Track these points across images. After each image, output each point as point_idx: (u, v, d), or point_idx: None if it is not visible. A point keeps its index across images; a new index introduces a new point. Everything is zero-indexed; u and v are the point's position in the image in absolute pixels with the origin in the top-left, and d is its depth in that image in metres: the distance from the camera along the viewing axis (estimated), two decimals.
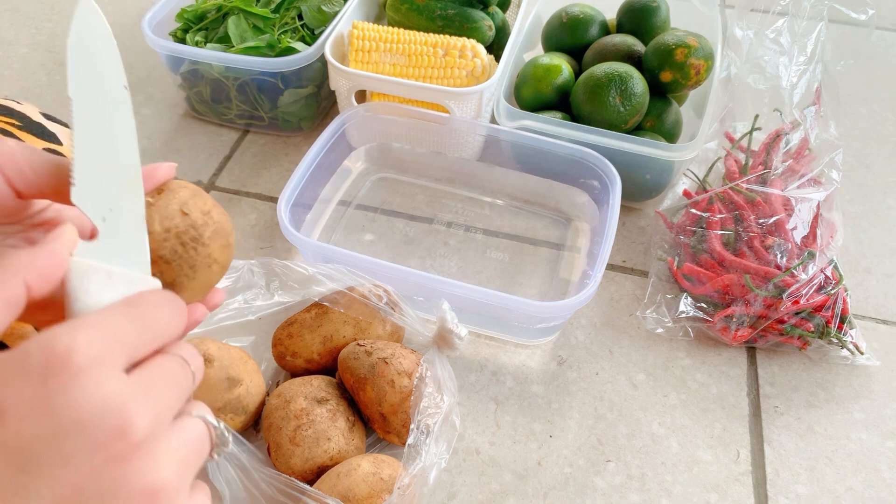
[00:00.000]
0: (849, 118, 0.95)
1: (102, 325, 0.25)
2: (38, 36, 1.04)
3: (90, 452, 0.22)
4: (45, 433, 0.22)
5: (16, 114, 0.56)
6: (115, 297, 0.28)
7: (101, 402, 0.22)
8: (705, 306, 0.68)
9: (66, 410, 0.22)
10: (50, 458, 0.22)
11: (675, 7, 0.87)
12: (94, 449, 0.22)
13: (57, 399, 0.22)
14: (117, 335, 0.25)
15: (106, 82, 0.31)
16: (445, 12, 0.81)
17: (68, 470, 0.22)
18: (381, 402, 0.54)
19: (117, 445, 0.23)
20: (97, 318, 0.25)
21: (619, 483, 0.58)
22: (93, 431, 0.22)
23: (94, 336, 0.24)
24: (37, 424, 0.22)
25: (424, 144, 0.80)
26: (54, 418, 0.22)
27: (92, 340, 0.23)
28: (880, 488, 0.58)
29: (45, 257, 0.26)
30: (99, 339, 0.24)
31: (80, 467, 0.22)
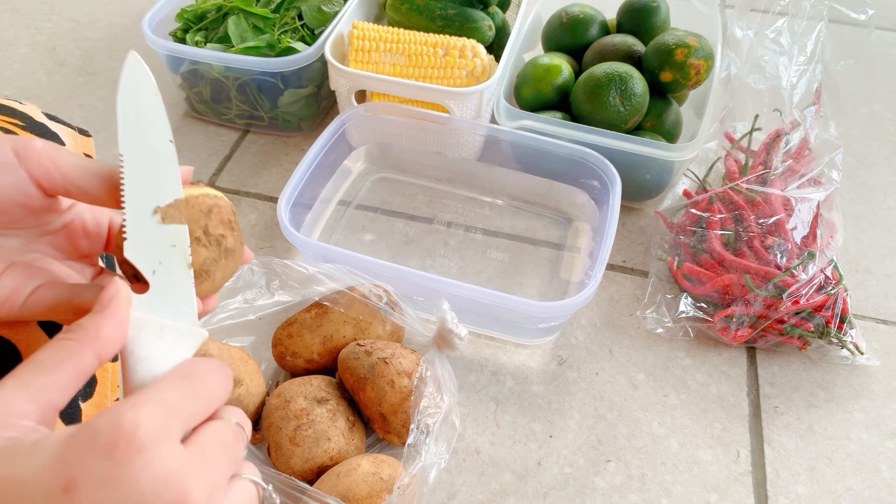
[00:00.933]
0: (849, 118, 0.95)
1: (162, 399, 0.26)
2: (38, 36, 1.04)
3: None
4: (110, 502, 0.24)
5: (18, 114, 0.56)
6: (166, 348, 0.30)
7: (162, 476, 0.24)
8: (705, 306, 0.68)
9: (131, 485, 0.24)
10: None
11: (675, 7, 0.87)
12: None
13: (123, 474, 0.24)
14: (175, 409, 0.26)
15: (153, 137, 0.32)
16: (445, 12, 0.81)
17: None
18: (381, 402, 0.54)
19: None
20: (157, 392, 0.26)
21: (619, 483, 0.58)
22: (153, 500, 0.24)
23: (155, 412, 0.25)
24: (106, 498, 0.24)
25: (424, 144, 0.80)
26: (121, 492, 0.24)
27: (153, 417, 0.25)
28: (880, 488, 0.58)
29: (111, 328, 0.28)
30: (159, 414, 0.25)
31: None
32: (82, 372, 0.27)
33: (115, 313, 0.29)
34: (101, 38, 1.04)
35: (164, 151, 0.32)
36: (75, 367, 0.27)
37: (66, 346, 0.27)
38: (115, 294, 0.29)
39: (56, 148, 0.32)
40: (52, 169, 0.31)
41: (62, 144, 0.57)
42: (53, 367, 0.26)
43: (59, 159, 0.32)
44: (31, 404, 0.26)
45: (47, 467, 0.24)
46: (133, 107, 0.32)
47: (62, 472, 0.24)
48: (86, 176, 0.32)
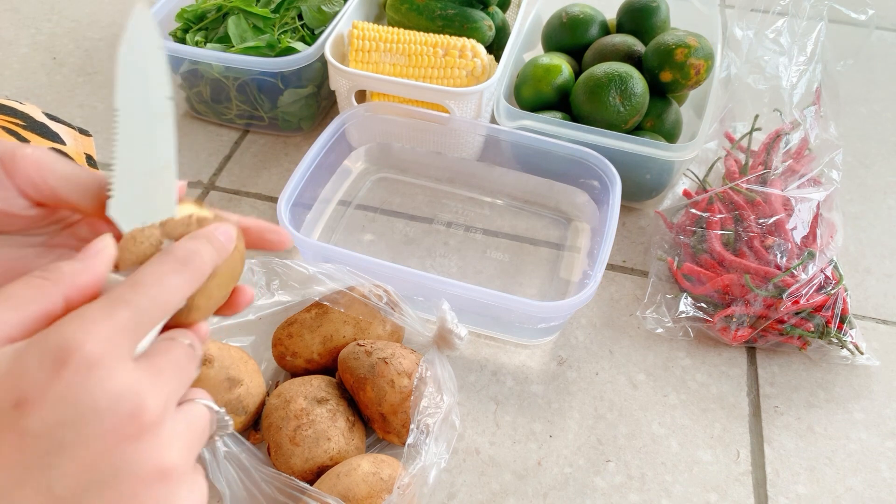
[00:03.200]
0: (849, 118, 0.95)
1: (111, 314, 0.26)
2: (38, 36, 1.04)
3: (106, 435, 0.24)
4: (65, 419, 0.24)
5: (19, 114, 0.56)
6: None
7: (115, 391, 0.25)
8: (705, 306, 0.68)
9: (85, 401, 0.24)
10: (71, 441, 0.24)
11: (675, 7, 0.87)
12: (110, 432, 0.24)
13: (75, 391, 0.24)
14: (126, 325, 0.26)
15: (152, 94, 0.31)
16: (445, 12, 0.81)
17: (87, 451, 0.24)
18: (381, 402, 0.54)
19: (130, 429, 0.25)
20: (106, 307, 0.26)
21: (619, 483, 0.58)
22: (109, 417, 0.24)
23: (104, 328, 0.25)
24: (59, 412, 0.24)
25: (424, 144, 0.80)
26: (74, 406, 0.24)
27: (102, 333, 0.25)
28: (880, 488, 0.58)
29: (86, 276, 0.28)
30: (108, 330, 0.25)
31: (98, 448, 0.24)
32: (48, 313, 0.27)
33: (96, 265, 0.28)
34: (101, 38, 1.04)
35: (162, 108, 0.32)
36: (42, 307, 0.27)
37: (39, 284, 0.27)
38: (102, 249, 0.29)
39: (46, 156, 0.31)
40: (40, 181, 0.31)
41: (63, 144, 0.57)
42: (23, 302, 0.26)
43: (48, 170, 0.31)
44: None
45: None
46: (134, 60, 0.31)
47: (13, 388, 0.24)
48: (75, 190, 0.31)
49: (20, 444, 0.24)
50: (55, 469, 0.24)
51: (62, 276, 0.27)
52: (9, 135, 0.52)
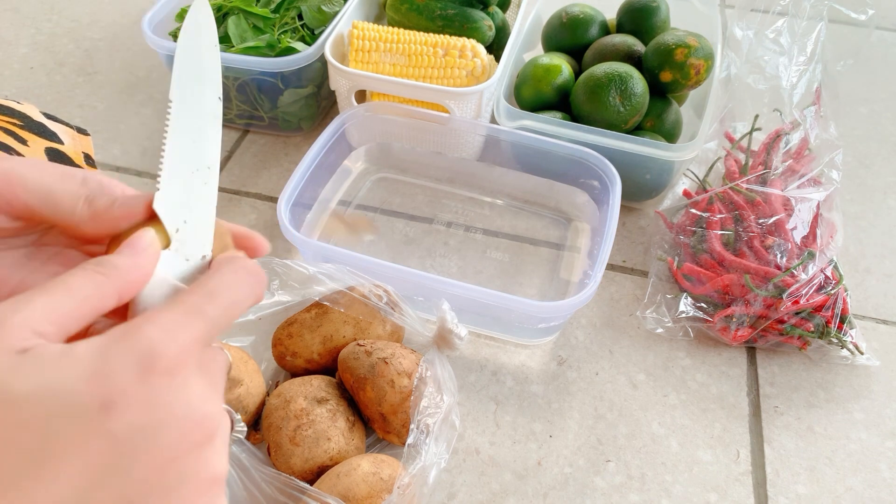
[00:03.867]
0: (849, 118, 0.95)
1: (190, 325, 0.26)
2: (38, 36, 1.04)
3: (178, 442, 0.25)
4: (147, 424, 0.24)
5: (17, 114, 0.56)
6: None
7: (190, 400, 0.25)
8: (705, 306, 0.68)
9: (166, 408, 0.25)
10: (147, 446, 0.24)
11: (675, 7, 0.87)
12: (182, 439, 0.25)
13: (158, 397, 0.25)
14: (202, 336, 0.27)
15: (205, 91, 0.31)
16: (445, 12, 0.81)
17: (160, 456, 0.25)
18: (381, 402, 0.54)
19: (199, 436, 0.26)
20: (185, 317, 0.26)
21: (619, 483, 0.58)
22: (183, 425, 0.25)
23: (185, 340, 0.26)
24: (142, 416, 0.24)
25: (424, 144, 0.80)
26: (157, 412, 0.24)
27: (184, 344, 0.26)
28: (880, 488, 0.58)
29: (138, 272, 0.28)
30: (188, 341, 0.26)
31: (169, 454, 0.25)
32: (102, 308, 0.27)
33: (147, 261, 0.29)
34: (101, 38, 1.04)
35: (213, 107, 0.32)
36: (99, 303, 0.27)
37: (96, 279, 0.27)
38: (150, 244, 0.29)
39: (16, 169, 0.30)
40: (12, 197, 0.30)
41: (61, 143, 0.57)
42: (82, 296, 0.26)
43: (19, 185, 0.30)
44: (53, 326, 0.25)
45: (84, 381, 0.24)
46: (191, 54, 0.31)
47: (100, 389, 0.24)
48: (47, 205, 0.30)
49: (103, 447, 0.24)
50: (130, 472, 0.24)
51: (116, 271, 0.27)
52: (6, 135, 0.52)
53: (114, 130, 0.89)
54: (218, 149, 0.32)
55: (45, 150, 0.55)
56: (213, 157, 0.32)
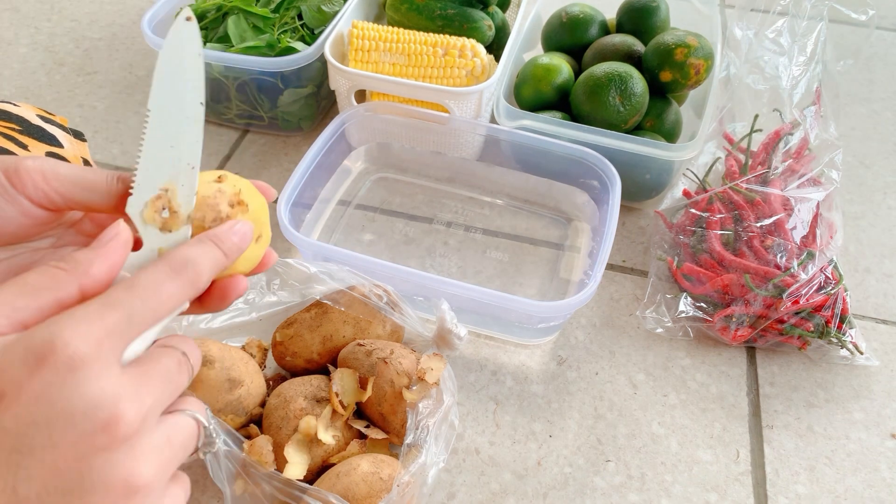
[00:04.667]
0: (849, 118, 0.95)
1: (102, 315, 0.25)
2: (38, 36, 1.04)
3: (77, 442, 0.24)
4: (39, 420, 0.23)
5: (14, 118, 0.56)
6: None
7: (92, 396, 0.24)
8: (705, 306, 0.68)
9: (60, 402, 0.23)
10: (41, 443, 0.23)
11: (675, 7, 0.87)
12: (81, 439, 0.24)
13: (52, 390, 0.23)
14: (115, 328, 0.26)
15: (186, 97, 0.32)
16: (445, 12, 0.81)
17: (56, 455, 0.23)
18: (380, 402, 0.54)
19: (102, 438, 0.24)
20: (99, 308, 0.26)
21: (618, 483, 0.58)
22: (82, 423, 0.24)
23: (92, 330, 0.25)
24: (32, 411, 0.23)
25: (424, 144, 0.80)
26: (48, 407, 0.23)
27: (90, 334, 0.24)
28: (880, 488, 0.58)
29: (99, 264, 0.28)
30: (97, 332, 0.25)
31: (67, 454, 0.24)
32: (62, 302, 0.27)
33: (109, 254, 0.28)
34: (100, 37, 1.04)
35: (194, 112, 0.32)
36: (56, 296, 0.26)
37: (54, 273, 0.27)
38: (115, 236, 0.29)
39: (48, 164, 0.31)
40: (48, 189, 0.31)
41: (60, 146, 0.57)
42: (36, 290, 0.26)
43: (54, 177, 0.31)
44: (5, 319, 0.25)
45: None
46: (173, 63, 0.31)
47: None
48: (84, 190, 0.32)
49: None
50: (22, 469, 0.23)
51: (76, 265, 0.27)
52: (7, 140, 0.52)
53: (113, 130, 0.89)
54: (197, 151, 0.32)
55: (46, 154, 0.55)
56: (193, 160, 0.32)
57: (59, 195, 0.31)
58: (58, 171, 0.31)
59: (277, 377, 0.60)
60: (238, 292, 0.33)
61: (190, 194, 0.32)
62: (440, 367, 0.55)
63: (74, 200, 0.32)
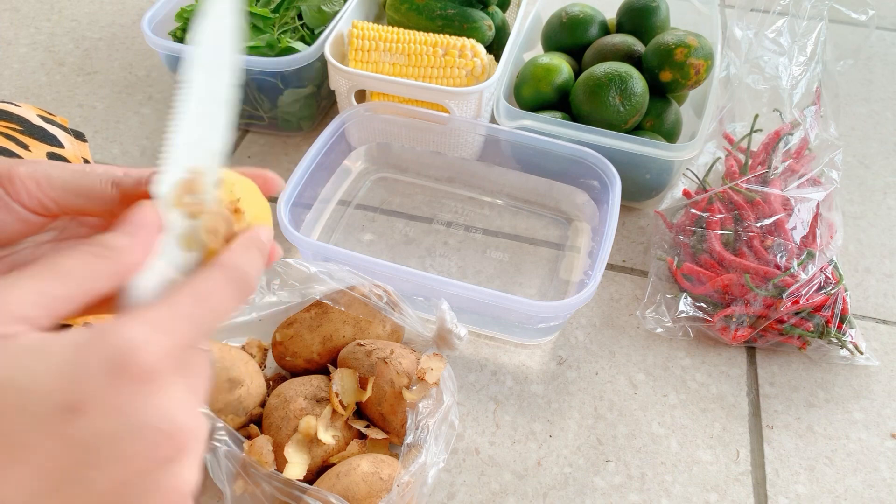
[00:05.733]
0: (849, 118, 0.95)
1: (173, 323, 0.25)
2: (38, 36, 1.04)
3: (146, 455, 0.23)
4: (113, 432, 0.23)
5: (15, 118, 0.56)
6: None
7: (163, 410, 0.24)
8: (705, 306, 0.68)
9: (136, 414, 0.23)
10: (111, 455, 0.23)
11: (675, 7, 0.87)
12: (150, 452, 0.23)
13: (130, 402, 0.23)
14: (186, 341, 0.25)
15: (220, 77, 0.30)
16: (445, 12, 0.81)
17: (124, 468, 0.23)
18: (380, 402, 0.54)
19: (168, 450, 0.24)
20: (169, 314, 0.25)
21: (618, 483, 0.58)
22: (152, 436, 0.23)
23: (165, 339, 0.24)
24: (108, 424, 0.23)
25: (424, 144, 0.80)
26: (124, 420, 0.23)
27: (163, 343, 0.24)
28: (880, 488, 0.58)
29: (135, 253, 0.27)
30: (169, 341, 0.24)
31: (134, 467, 0.23)
32: (97, 292, 0.25)
33: (146, 241, 0.27)
34: (100, 37, 1.04)
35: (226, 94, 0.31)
36: (93, 286, 0.25)
37: (91, 262, 0.25)
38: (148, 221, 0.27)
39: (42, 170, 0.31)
40: (42, 196, 0.30)
41: (61, 147, 0.57)
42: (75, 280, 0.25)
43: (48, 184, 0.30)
44: (41, 311, 0.24)
45: (53, 379, 0.22)
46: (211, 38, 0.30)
47: (68, 389, 0.22)
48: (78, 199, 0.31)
49: (61, 451, 0.22)
50: (89, 483, 0.22)
51: (112, 253, 0.26)
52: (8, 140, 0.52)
53: (113, 130, 0.89)
54: (225, 137, 0.31)
55: (47, 154, 0.55)
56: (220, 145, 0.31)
57: (53, 202, 0.31)
58: (52, 178, 0.30)
59: (277, 377, 0.60)
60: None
61: (215, 181, 0.30)
62: (440, 367, 0.55)
63: (69, 207, 0.31)
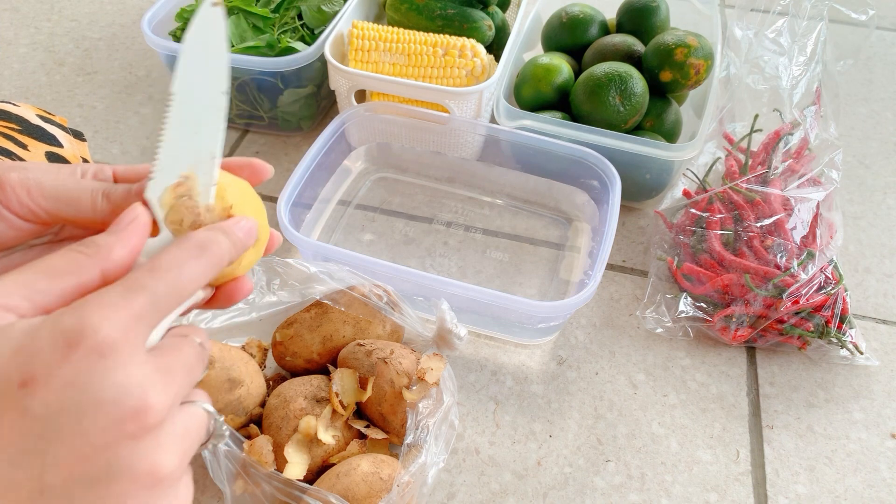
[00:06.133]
0: (849, 118, 0.95)
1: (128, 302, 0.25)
2: (38, 36, 1.04)
3: (106, 429, 0.24)
4: (69, 406, 0.23)
5: (14, 117, 0.56)
6: None
7: (124, 384, 0.24)
8: (705, 306, 0.68)
9: (92, 388, 0.23)
10: (70, 430, 0.23)
11: (675, 7, 0.87)
12: (110, 427, 0.24)
13: (84, 376, 0.23)
14: (142, 312, 0.25)
15: (209, 85, 0.31)
16: (445, 12, 0.81)
17: (84, 442, 0.23)
18: (380, 402, 0.54)
19: (131, 426, 0.24)
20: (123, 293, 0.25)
21: (618, 483, 0.58)
22: (112, 410, 0.24)
23: (120, 316, 0.25)
24: (62, 397, 0.23)
25: (424, 144, 0.80)
26: (79, 393, 0.23)
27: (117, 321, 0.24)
28: (880, 488, 0.58)
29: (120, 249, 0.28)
30: (124, 318, 0.25)
31: (95, 441, 0.23)
32: (84, 286, 0.27)
33: (129, 238, 0.28)
34: (100, 37, 1.04)
35: (216, 101, 0.32)
36: (79, 281, 0.26)
37: (76, 258, 0.27)
38: (134, 219, 0.29)
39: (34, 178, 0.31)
40: (33, 205, 0.31)
41: (60, 146, 0.57)
42: (59, 274, 0.26)
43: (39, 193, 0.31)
44: (27, 302, 0.25)
45: (8, 357, 0.23)
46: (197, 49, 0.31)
47: (22, 366, 0.23)
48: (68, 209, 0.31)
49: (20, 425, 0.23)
50: (49, 455, 0.23)
51: (98, 249, 0.27)
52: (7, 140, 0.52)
53: (113, 130, 0.89)
54: (220, 141, 0.32)
55: (46, 153, 0.55)
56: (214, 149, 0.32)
57: (44, 211, 0.31)
58: (43, 187, 0.31)
59: (277, 377, 0.60)
60: (244, 293, 0.33)
61: (209, 184, 0.31)
62: (440, 367, 0.55)
63: (59, 216, 0.31)
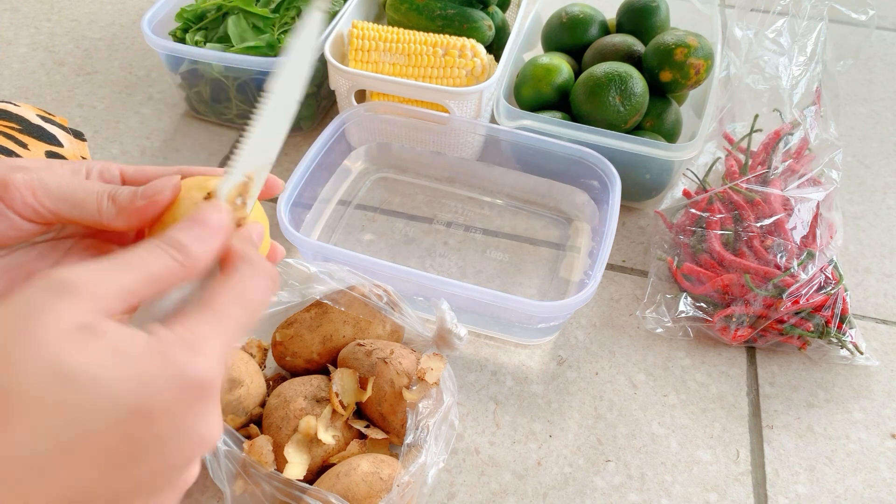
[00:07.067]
0: (849, 118, 0.95)
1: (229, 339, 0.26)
2: (38, 36, 1.04)
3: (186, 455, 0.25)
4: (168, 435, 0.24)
5: (14, 117, 0.56)
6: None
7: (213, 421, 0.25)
8: (705, 306, 0.68)
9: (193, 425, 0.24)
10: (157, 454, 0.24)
11: (675, 7, 0.87)
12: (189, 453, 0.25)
13: (190, 414, 0.24)
14: (232, 342, 0.26)
15: (294, 91, 0.32)
16: (445, 12, 0.81)
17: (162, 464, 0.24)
18: (380, 402, 0.54)
19: (198, 453, 0.26)
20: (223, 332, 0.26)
21: (618, 483, 0.58)
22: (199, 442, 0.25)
23: (219, 352, 0.25)
24: (168, 429, 0.24)
25: (424, 144, 0.80)
26: (183, 428, 0.24)
27: (218, 358, 0.25)
28: (880, 488, 0.58)
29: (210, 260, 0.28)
30: (221, 353, 0.25)
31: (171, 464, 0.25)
32: (166, 290, 0.27)
33: (216, 246, 0.28)
34: (100, 37, 1.04)
35: (293, 109, 0.32)
36: (166, 285, 0.26)
37: (169, 265, 0.26)
38: (224, 226, 0.28)
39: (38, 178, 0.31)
40: (37, 205, 0.30)
41: (60, 146, 0.57)
42: (156, 282, 0.26)
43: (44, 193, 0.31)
44: (121, 303, 0.25)
45: (126, 380, 0.23)
46: (298, 55, 0.32)
47: (141, 396, 0.23)
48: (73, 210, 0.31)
49: (118, 445, 0.23)
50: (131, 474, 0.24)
51: (189, 261, 0.27)
52: (7, 139, 0.52)
53: (113, 130, 0.89)
54: (280, 145, 0.32)
55: (45, 153, 0.55)
56: (273, 156, 0.32)
57: (48, 211, 0.31)
58: (47, 187, 0.30)
59: (277, 377, 0.60)
60: None
61: (259, 189, 0.32)
62: (440, 367, 0.55)
63: (64, 217, 0.31)
